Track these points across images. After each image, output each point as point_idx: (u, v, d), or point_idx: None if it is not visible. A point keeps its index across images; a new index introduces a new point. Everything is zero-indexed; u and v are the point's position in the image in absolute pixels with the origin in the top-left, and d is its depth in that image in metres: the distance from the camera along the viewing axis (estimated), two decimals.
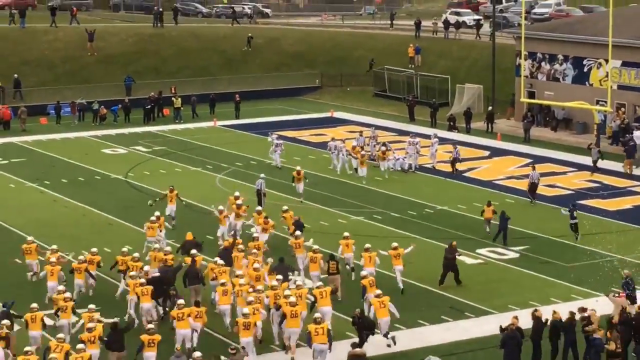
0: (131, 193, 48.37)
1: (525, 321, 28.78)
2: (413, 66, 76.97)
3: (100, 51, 78.63)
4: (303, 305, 29.82)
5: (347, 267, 35.37)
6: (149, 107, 67.99)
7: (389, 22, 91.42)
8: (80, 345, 26.73)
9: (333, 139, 54.38)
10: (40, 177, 51.88)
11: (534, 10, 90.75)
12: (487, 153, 57.07)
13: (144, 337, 27.67)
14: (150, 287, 30.95)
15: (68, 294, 30.44)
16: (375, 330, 29.46)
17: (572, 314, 28.62)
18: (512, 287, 34.89)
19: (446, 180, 50.53)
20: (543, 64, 64.60)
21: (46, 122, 67.34)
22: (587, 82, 61.76)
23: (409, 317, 31.72)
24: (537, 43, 64.54)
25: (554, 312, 28.98)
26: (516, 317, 28.33)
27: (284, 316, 29.09)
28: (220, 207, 39.65)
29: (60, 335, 27.97)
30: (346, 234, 36.14)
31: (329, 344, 28.08)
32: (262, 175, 45.42)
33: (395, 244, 34.59)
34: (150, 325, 28.27)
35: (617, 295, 30.97)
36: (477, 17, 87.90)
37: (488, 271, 36.60)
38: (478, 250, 38.88)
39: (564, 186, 49.17)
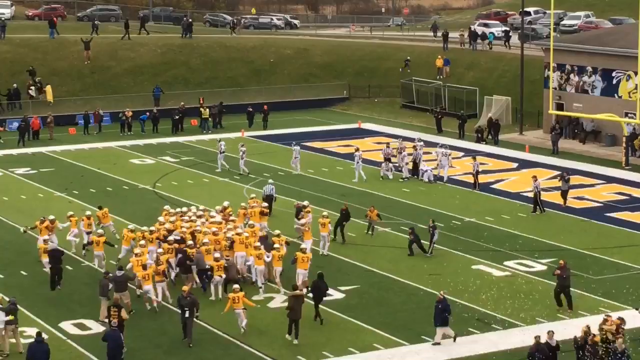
0: (159, 203, 48.40)
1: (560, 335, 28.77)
2: (441, 77, 76.89)
3: (130, 62, 79.03)
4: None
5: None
6: (177, 117, 68.16)
7: (432, 33, 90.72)
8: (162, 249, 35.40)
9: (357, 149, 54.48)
10: (68, 187, 52.13)
11: (562, 22, 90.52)
12: (515, 165, 56.87)
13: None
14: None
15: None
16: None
17: (588, 327, 28.44)
18: (539, 300, 34.72)
19: (473, 192, 50.36)
20: (572, 75, 64.38)
21: (75, 132, 67.65)
22: (615, 94, 61.48)
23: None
24: (566, 55, 64.30)
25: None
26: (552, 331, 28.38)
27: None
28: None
29: None
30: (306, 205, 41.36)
31: None
32: (271, 180, 46.72)
33: (325, 213, 40.50)
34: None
35: None
36: (505, 28, 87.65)
37: (516, 283, 36.44)
38: (506, 263, 38.75)
39: (592, 198, 48.92)
